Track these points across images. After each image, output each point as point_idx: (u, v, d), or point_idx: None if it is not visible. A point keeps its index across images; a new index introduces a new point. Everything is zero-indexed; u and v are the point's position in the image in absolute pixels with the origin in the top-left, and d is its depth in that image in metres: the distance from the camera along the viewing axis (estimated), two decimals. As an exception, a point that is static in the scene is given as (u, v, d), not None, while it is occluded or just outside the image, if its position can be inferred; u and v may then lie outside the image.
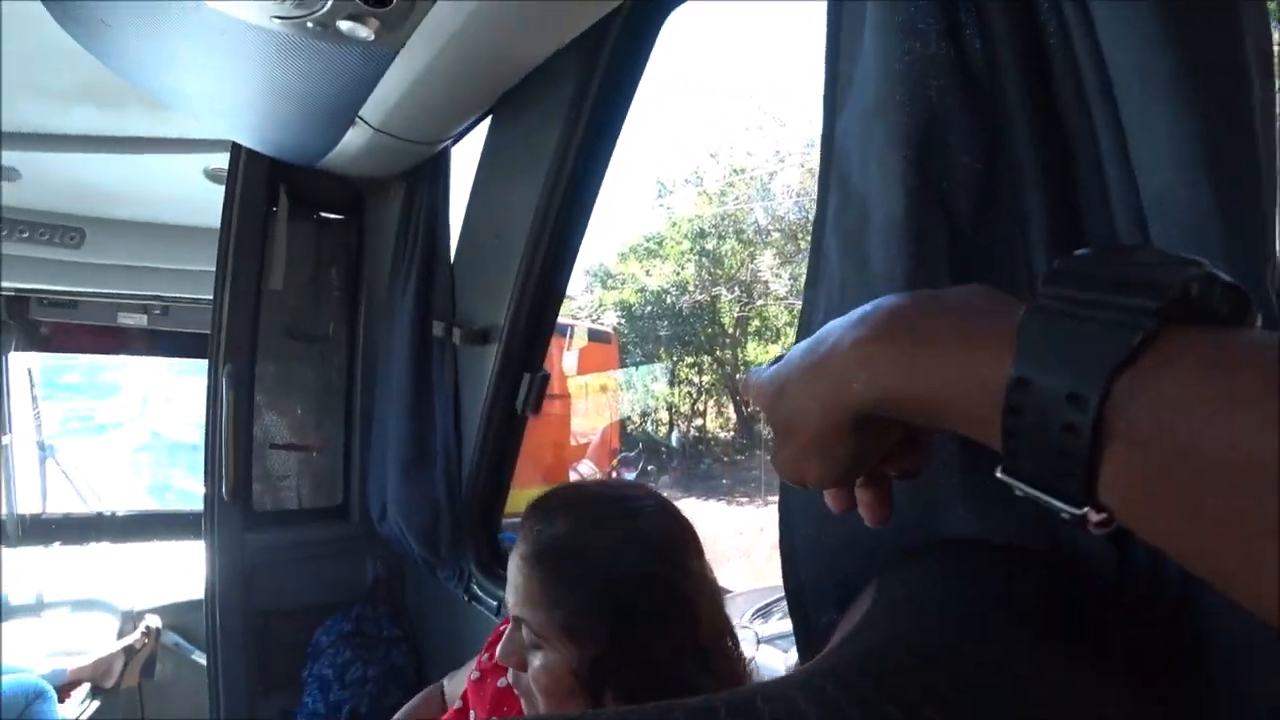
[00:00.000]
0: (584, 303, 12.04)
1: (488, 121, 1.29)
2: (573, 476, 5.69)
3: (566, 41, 0.96)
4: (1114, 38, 0.42)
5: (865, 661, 0.31)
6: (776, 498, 0.59)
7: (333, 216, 1.83)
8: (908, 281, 0.49)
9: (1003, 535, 0.45)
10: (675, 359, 12.67)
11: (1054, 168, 0.46)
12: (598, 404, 6.39)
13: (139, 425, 3.94)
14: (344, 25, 0.89)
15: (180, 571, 2.53)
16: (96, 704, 2.09)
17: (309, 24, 0.89)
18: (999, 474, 0.28)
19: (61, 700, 1.95)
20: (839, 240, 0.56)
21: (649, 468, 9.43)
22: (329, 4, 0.84)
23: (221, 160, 1.99)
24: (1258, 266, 0.37)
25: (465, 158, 1.47)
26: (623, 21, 0.99)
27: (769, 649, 1.15)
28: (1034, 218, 0.47)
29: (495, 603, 1.44)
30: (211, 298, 1.74)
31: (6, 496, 2.51)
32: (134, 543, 2.71)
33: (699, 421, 12.92)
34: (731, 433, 12.88)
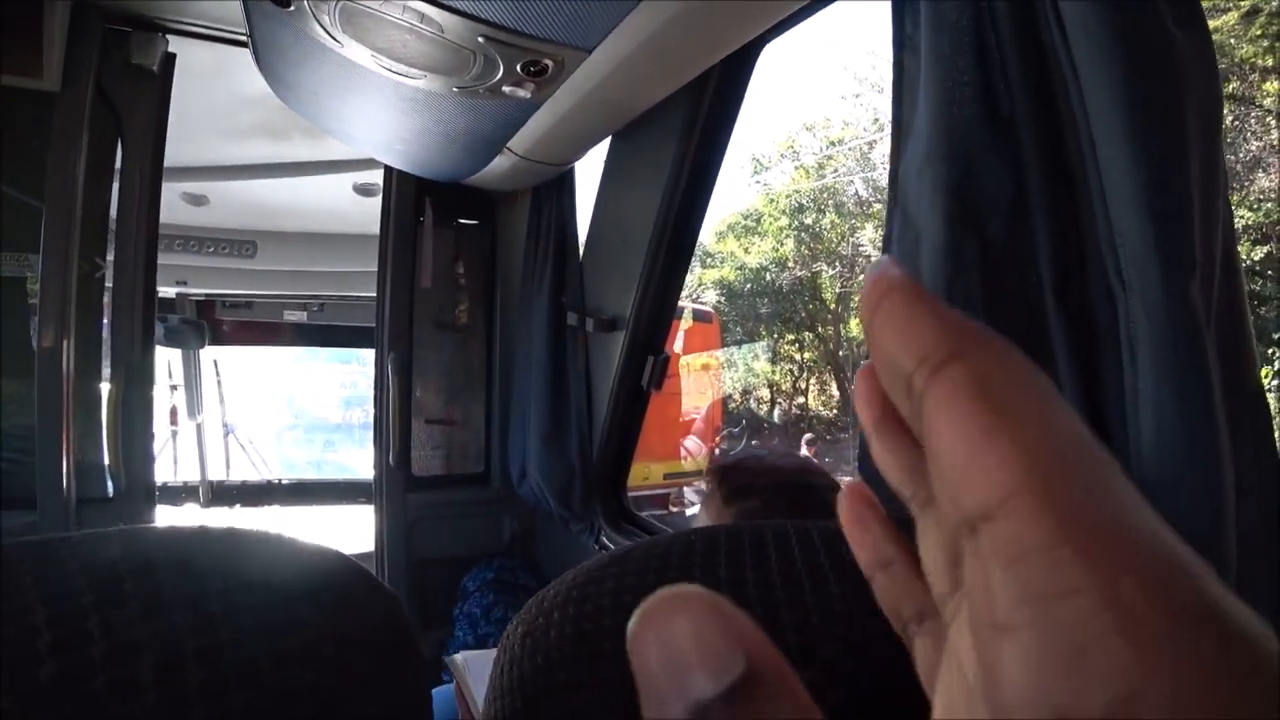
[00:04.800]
0: (684, 281, 11.88)
1: (607, 141, 1.50)
2: (681, 452, 5.92)
3: (680, 85, 1.16)
4: (1094, 105, 0.57)
5: None
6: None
7: (468, 222, 2.09)
8: (947, 288, 0.66)
9: None
10: (776, 336, 12.60)
11: (1060, 201, 0.62)
12: (701, 382, 6.58)
13: (284, 409, 4.50)
14: (508, 89, 1.12)
15: (336, 529, 2.95)
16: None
17: (481, 90, 1.13)
18: None
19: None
20: (900, 255, 0.73)
21: (752, 442, 9.56)
22: (499, 75, 1.07)
23: (367, 176, 2.31)
24: (1183, 288, 0.52)
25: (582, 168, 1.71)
26: (723, 62, 1.17)
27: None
28: (1042, 238, 0.63)
29: (622, 552, 1.68)
30: (358, 295, 2.02)
31: (200, 466, 3.00)
32: (300, 506, 3.15)
33: (800, 400, 12.87)
34: (834, 411, 12.78)
